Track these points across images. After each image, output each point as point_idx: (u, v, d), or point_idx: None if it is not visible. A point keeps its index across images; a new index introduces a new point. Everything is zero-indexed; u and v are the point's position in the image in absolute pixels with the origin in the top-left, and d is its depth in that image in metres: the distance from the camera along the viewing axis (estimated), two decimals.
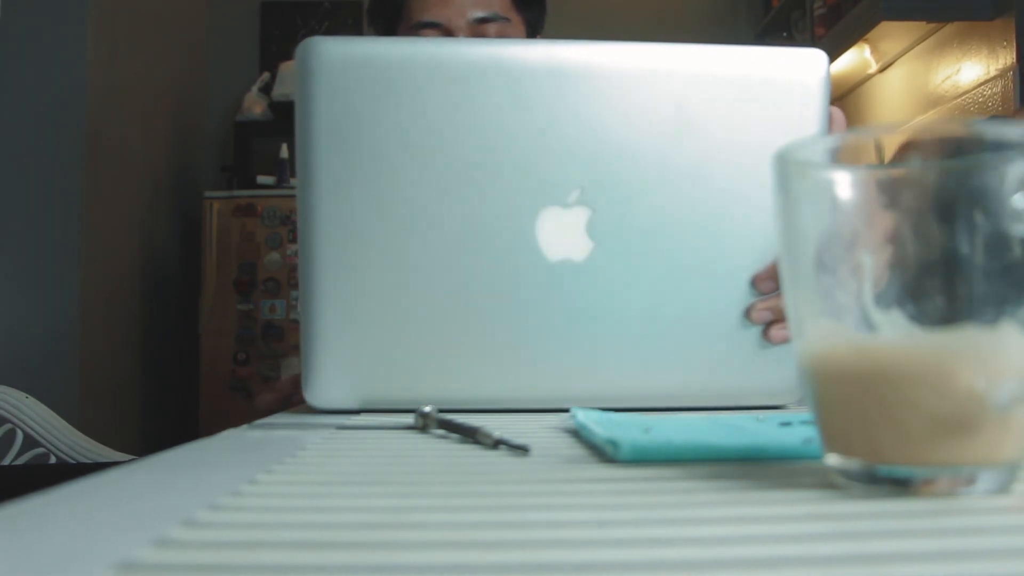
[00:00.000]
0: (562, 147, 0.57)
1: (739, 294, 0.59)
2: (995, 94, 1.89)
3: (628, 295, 0.58)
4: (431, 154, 0.56)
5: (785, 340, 0.59)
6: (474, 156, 0.56)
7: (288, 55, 3.03)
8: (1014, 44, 1.82)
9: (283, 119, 2.86)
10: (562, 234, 0.57)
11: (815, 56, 0.59)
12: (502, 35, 1.10)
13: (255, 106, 2.89)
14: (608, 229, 0.58)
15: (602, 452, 0.39)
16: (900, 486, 0.29)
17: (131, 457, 1.30)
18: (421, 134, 0.56)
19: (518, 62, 0.56)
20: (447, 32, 1.08)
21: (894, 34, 2.18)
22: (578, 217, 0.57)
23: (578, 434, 0.47)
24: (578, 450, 0.41)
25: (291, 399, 0.96)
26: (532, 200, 0.57)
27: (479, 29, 1.08)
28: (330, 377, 0.58)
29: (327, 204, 0.56)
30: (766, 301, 0.59)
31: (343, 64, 0.56)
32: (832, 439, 0.32)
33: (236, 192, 2.74)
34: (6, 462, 1.32)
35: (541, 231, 0.57)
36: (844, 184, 0.31)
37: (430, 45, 0.58)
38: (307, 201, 0.56)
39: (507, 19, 1.11)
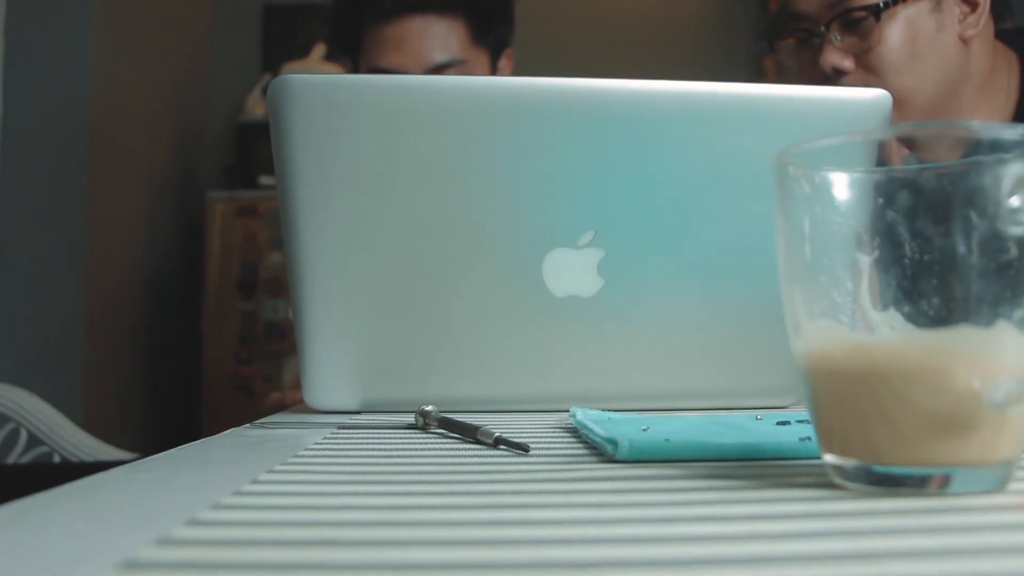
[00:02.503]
0: (575, 189, 0.56)
1: (741, 298, 0.59)
2: None
3: (632, 303, 0.58)
4: (421, 184, 0.55)
5: None
6: (471, 192, 0.56)
7: (290, 56, 3.03)
8: None
9: None
10: (570, 273, 0.57)
11: (879, 97, 0.57)
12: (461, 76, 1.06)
13: (258, 107, 2.89)
14: (622, 268, 0.57)
15: (601, 451, 0.40)
16: (896, 485, 0.29)
17: (134, 456, 1.30)
18: (410, 164, 0.55)
19: (521, 101, 0.55)
20: None
21: None
22: (590, 258, 0.57)
23: (577, 433, 0.47)
24: (577, 449, 0.41)
25: (295, 397, 0.97)
26: (539, 241, 0.57)
27: (436, 74, 1.06)
28: (329, 379, 0.58)
29: (312, 232, 0.55)
30: None
31: (323, 105, 0.54)
32: (829, 438, 0.32)
33: (239, 193, 2.74)
34: (10, 461, 1.33)
35: (547, 268, 0.57)
36: (841, 185, 0.31)
37: (418, 83, 0.56)
38: (293, 229, 0.55)
39: (464, 61, 1.07)
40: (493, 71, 1.17)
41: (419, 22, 1.05)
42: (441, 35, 1.06)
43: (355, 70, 1.16)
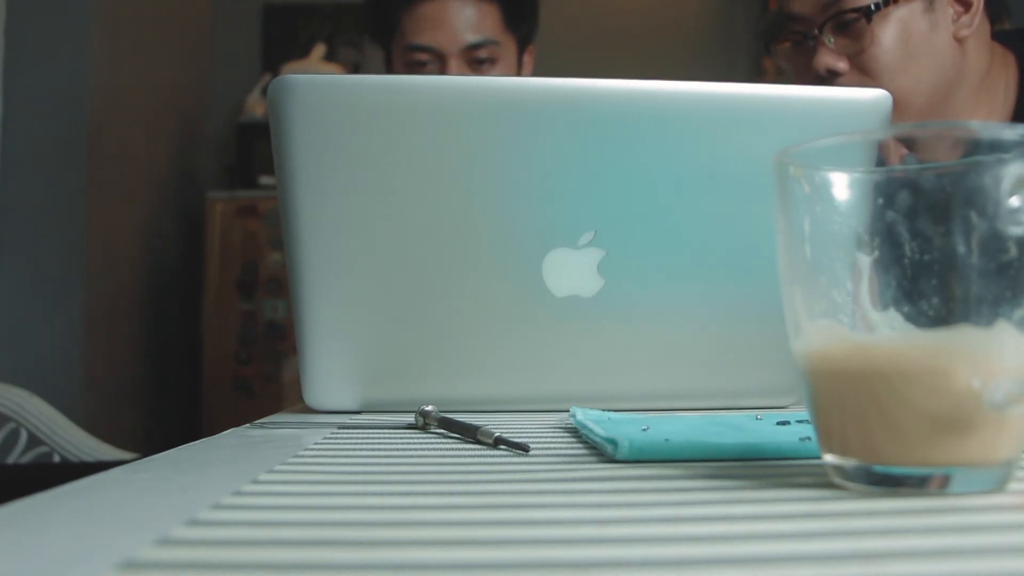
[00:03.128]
0: (575, 189, 0.56)
1: (741, 298, 0.59)
2: None
3: (632, 303, 0.58)
4: (421, 184, 0.56)
5: None
6: (472, 193, 0.56)
7: (290, 57, 3.03)
8: None
9: None
10: (570, 273, 0.57)
11: (879, 97, 0.57)
12: (493, 58, 1.14)
13: (258, 107, 2.89)
14: (622, 268, 0.57)
15: (601, 451, 0.40)
16: (896, 485, 0.29)
17: (134, 456, 1.30)
18: (410, 164, 0.55)
19: (516, 102, 0.55)
20: (439, 56, 1.11)
21: None
22: (590, 258, 0.57)
23: (577, 433, 0.47)
24: (577, 449, 0.41)
25: None
26: (539, 241, 0.57)
27: (471, 54, 1.12)
28: (329, 379, 0.58)
29: (311, 232, 0.55)
30: None
31: (323, 105, 0.54)
32: (829, 438, 0.32)
33: (238, 192, 2.74)
34: (10, 461, 1.33)
35: (547, 268, 0.57)
36: (842, 185, 0.31)
37: (418, 83, 0.56)
38: (293, 228, 0.55)
39: (497, 42, 1.14)
40: (519, 63, 1.21)
41: (455, 3, 1.11)
42: (476, 17, 1.12)
43: (387, 57, 1.19)
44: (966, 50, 0.92)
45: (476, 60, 1.13)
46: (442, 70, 1.13)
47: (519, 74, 1.22)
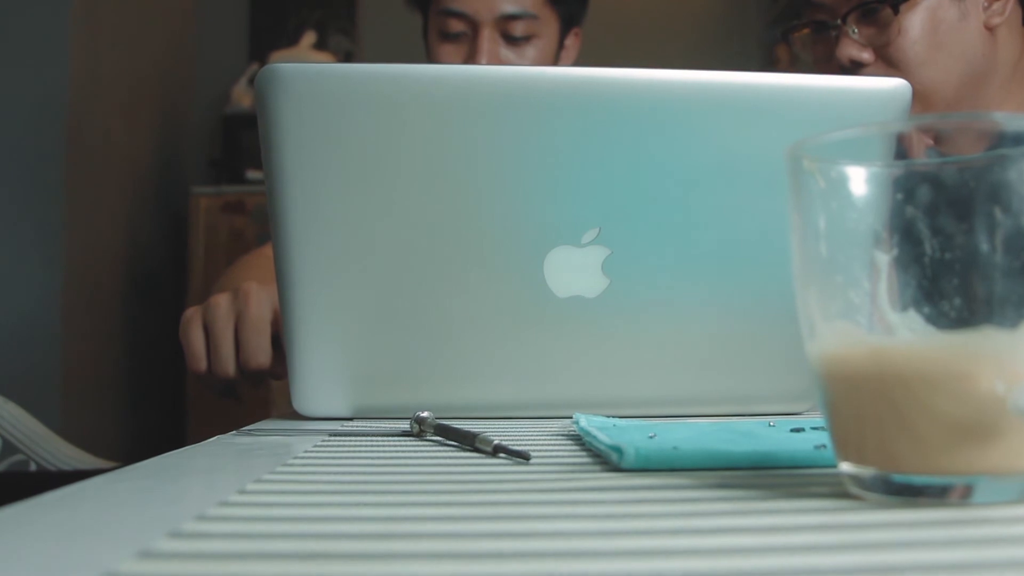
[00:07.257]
0: (578, 184, 0.56)
1: (753, 299, 0.59)
2: None
3: (639, 304, 0.58)
4: (417, 179, 0.56)
5: None
6: (469, 188, 0.56)
7: (279, 45, 3.03)
8: None
9: None
10: (573, 273, 0.57)
11: (898, 87, 0.57)
12: (529, 33, 1.12)
13: (244, 98, 2.89)
14: (628, 267, 0.57)
15: (606, 459, 0.40)
16: (916, 495, 0.29)
17: (115, 464, 1.30)
18: (406, 158, 0.55)
19: (518, 91, 0.55)
20: (472, 24, 1.09)
21: None
22: (594, 256, 0.57)
23: (581, 441, 0.47)
24: (581, 457, 0.42)
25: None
26: (540, 239, 0.57)
27: (505, 25, 1.10)
28: (320, 384, 0.58)
29: (301, 229, 0.55)
30: None
31: (314, 96, 0.54)
32: (845, 446, 0.32)
33: (224, 188, 2.73)
34: None
35: (549, 268, 0.57)
36: (859, 180, 0.31)
37: (414, 72, 0.56)
38: (281, 226, 0.55)
39: (535, 16, 1.12)
40: (561, 43, 1.20)
41: None
42: None
43: (424, 27, 1.18)
44: (997, 39, 0.91)
45: (511, 35, 1.10)
46: (474, 42, 1.10)
47: (559, 59, 1.19)
